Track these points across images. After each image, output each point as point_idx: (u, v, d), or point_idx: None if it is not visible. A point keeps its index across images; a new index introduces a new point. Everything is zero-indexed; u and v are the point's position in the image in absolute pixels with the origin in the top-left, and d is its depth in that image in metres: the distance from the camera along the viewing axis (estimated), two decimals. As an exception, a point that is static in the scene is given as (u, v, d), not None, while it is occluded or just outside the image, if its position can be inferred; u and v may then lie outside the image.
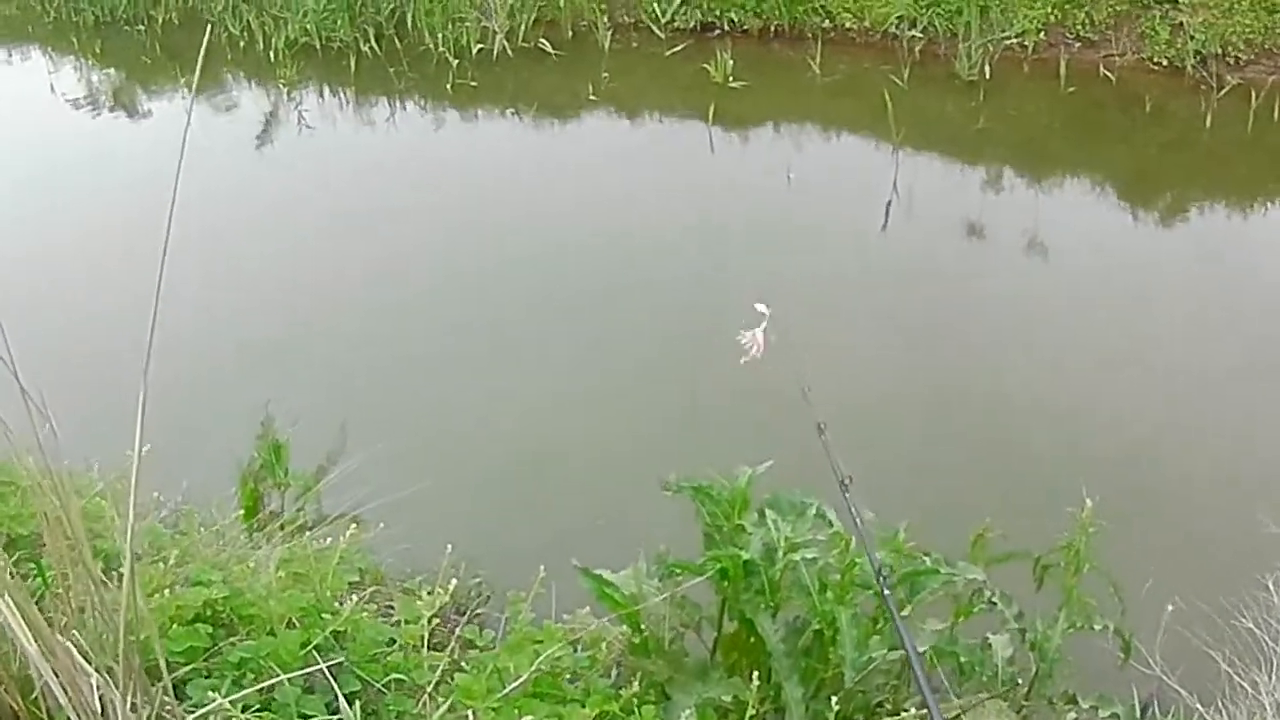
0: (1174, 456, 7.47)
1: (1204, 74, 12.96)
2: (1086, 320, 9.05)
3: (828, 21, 14.47)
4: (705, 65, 13.62)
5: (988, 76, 13.29)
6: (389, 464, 6.41)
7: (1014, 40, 13.50)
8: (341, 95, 14.91)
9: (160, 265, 2.36)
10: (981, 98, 13.11)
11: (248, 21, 16.48)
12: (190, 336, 8.83)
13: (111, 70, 18.51)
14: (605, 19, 14.81)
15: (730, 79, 13.45)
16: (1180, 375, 8.35)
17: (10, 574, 2.48)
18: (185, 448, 6.31)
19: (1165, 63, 13.17)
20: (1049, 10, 13.58)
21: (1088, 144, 12.35)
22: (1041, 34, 13.54)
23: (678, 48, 14.46)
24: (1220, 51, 12.99)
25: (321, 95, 15.12)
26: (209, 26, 17.33)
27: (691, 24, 14.85)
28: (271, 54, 15.62)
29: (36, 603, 2.48)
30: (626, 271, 10.00)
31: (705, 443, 7.19)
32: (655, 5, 14.68)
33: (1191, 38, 13.00)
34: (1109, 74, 13.23)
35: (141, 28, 18.96)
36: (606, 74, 14.10)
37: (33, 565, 2.94)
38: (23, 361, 2.61)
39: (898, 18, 14.03)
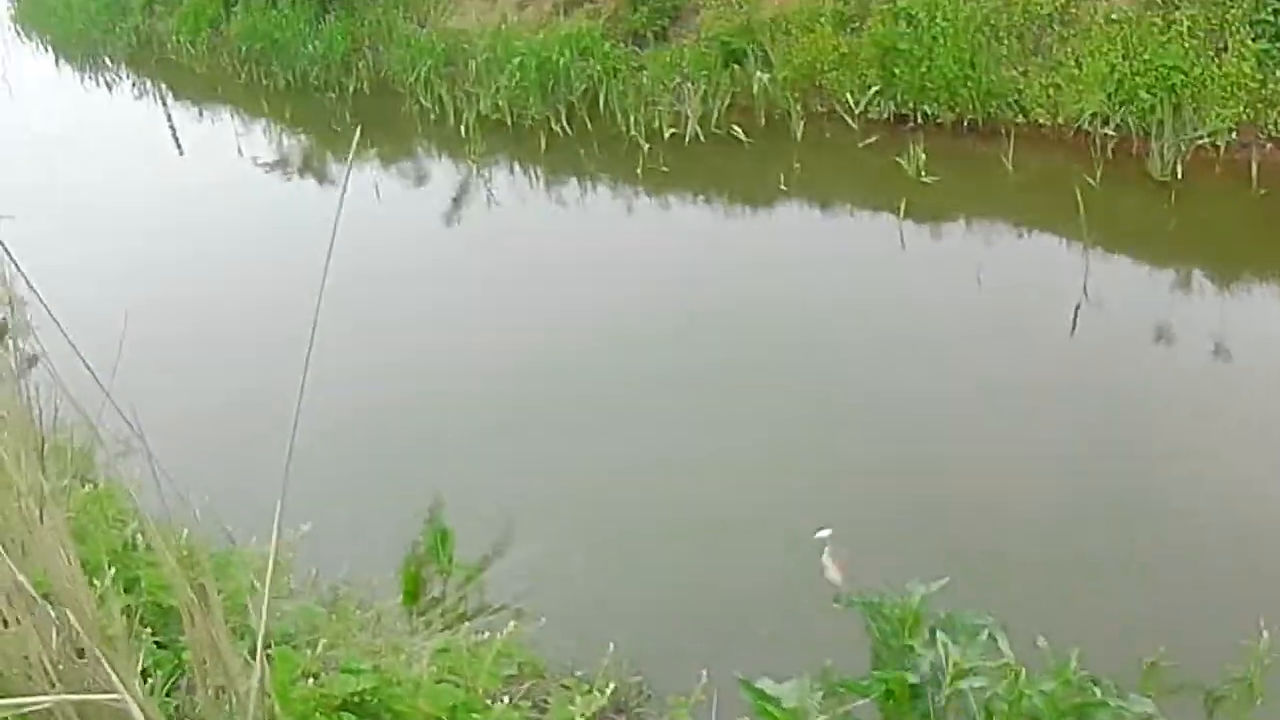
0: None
1: (1402, 176, 13.12)
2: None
3: (1021, 116, 15.11)
4: (898, 158, 14.37)
5: (1179, 176, 13.60)
6: (556, 555, 6.49)
7: (1206, 140, 13.94)
8: (531, 173, 15.96)
9: (311, 336, 2.41)
10: (1173, 199, 13.41)
11: (439, 95, 17.33)
12: (360, 411, 9.04)
13: (301, 135, 18.98)
14: (799, 107, 15.88)
15: (922, 173, 14.09)
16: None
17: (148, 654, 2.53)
18: (353, 525, 6.38)
19: (1361, 163, 13.86)
20: (1241, 109, 14.05)
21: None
22: (1234, 133, 13.98)
23: (871, 139, 15.31)
24: None
25: (511, 172, 16.25)
26: (402, 98, 17.69)
27: (885, 115, 15.74)
28: (463, 128, 16.16)
29: (171, 685, 2.62)
30: (810, 366, 10.50)
31: (874, 540, 7.42)
32: (849, 95, 15.59)
33: (1389, 135, 13.18)
34: None
35: (333, 95, 19.92)
36: (799, 164, 15.19)
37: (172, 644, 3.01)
38: (202, 425, 2.69)
39: (1091, 114, 14.49)
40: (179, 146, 21.27)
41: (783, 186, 14.45)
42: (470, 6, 20.11)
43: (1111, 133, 14.29)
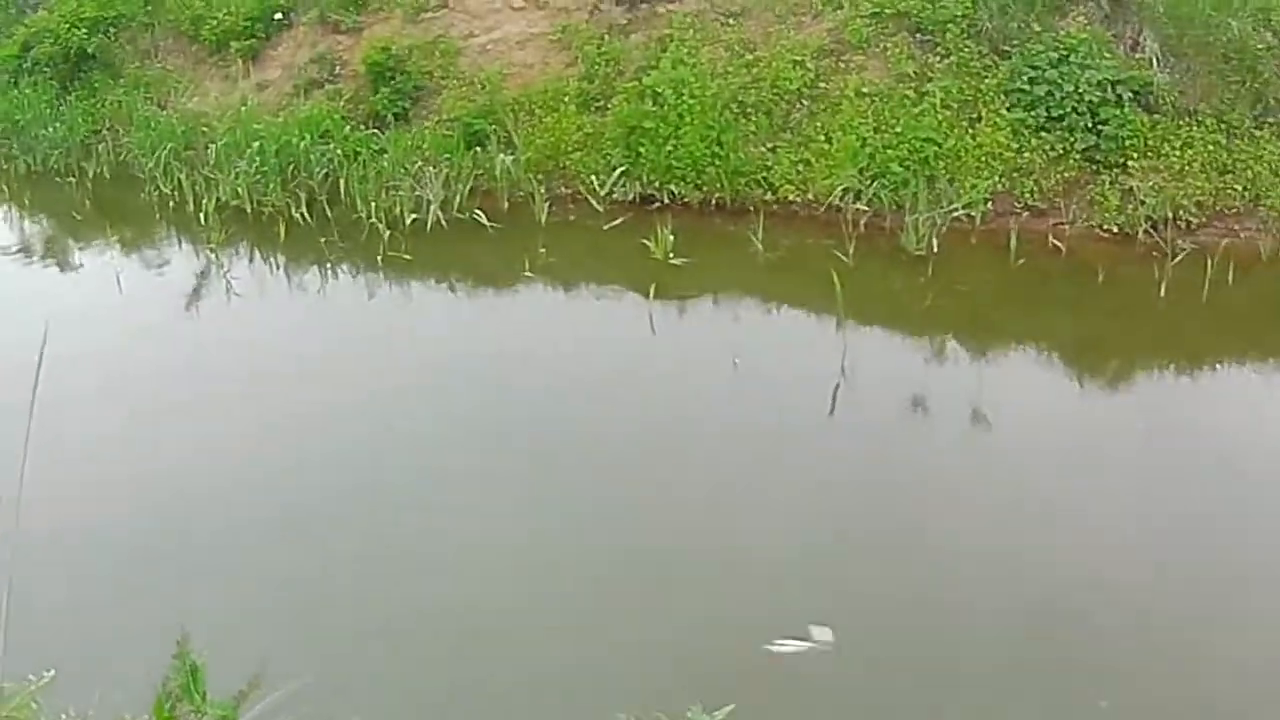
0: (1123, 622, 7.99)
1: (1156, 239, 13.85)
2: (1033, 493, 9.56)
3: (770, 194, 15.17)
4: (645, 240, 14.26)
5: (935, 250, 13.80)
6: (322, 692, 6.10)
7: (961, 212, 14.27)
8: (272, 261, 15.82)
9: (22, 452, 2.10)
10: (930, 272, 13.60)
11: (179, 180, 16.75)
12: (89, 529, 8.55)
13: (42, 221, 18.29)
14: (543, 190, 15.70)
15: (671, 255, 14.01)
16: (1125, 543, 8.92)
17: None
18: (99, 666, 5.92)
19: (1116, 230, 14.08)
20: (996, 180, 14.48)
21: (1039, 315, 13.15)
22: (989, 204, 14.34)
23: (616, 221, 15.20)
24: (1172, 216, 13.92)
25: (251, 260, 16.08)
26: (142, 183, 17.14)
27: (630, 196, 15.63)
28: (202, 215, 15.59)
29: None
30: (562, 460, 10.37)
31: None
32: (594, 178, 15.33)
33: (1142, 203, 14.06)
34: (1059, 243, 14.01)
35: (72, 180, 18.91)
36: (543, 248, 14.88)
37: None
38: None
39: (842, 190, 14.63)
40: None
41: (527, 272, 14.17)
42: (210, 87, 19.43)
43: (864, 208, 14.40)
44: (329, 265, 15.19)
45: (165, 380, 12.10)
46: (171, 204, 17.25)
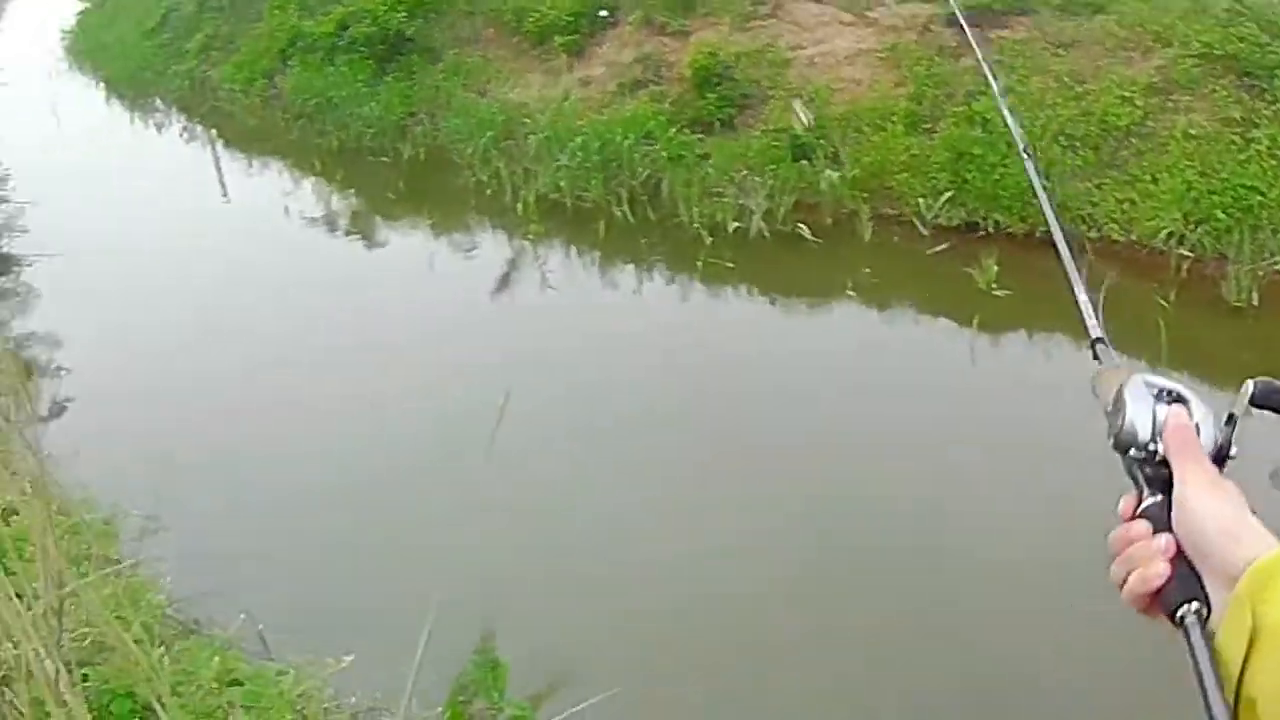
0: None
1: None
2: None
3: (1094, 231, 14.76)
4: (968, 269, 14.09)
5: (1256, 303, 13.30)
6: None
7: None
8: (589, 257, 15.52)
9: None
10: (1250, 325, 13.18)
11: (498, 169, 17.20)
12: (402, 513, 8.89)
13: (352, 198, 19.03)
14: (867, 208, 15.61)
15: (994, 285, 13.81)
16: None
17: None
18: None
19: None
20: None
21: None
22: None
23: (940, 246, 15.03)
24: None
25: (567, 254, 15.68)
26: (458, 169, 17.70)
27: (955, 222, 15.44)
28: (520, 205, 15.80)
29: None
30: (873, 488, 10.24)
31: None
32: (919, 200, 15.34)
33: None
34: None
35: (386, 160, 19.65)
36: (867, 268, 14.85)
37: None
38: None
39: (1166, 233, 14.23)
40: (226, 195, 21.30)
41: (849, 290, 14.18)
42: (532, 79, 20.01)
43: (1187, 253, 14.02)
44: (647, 265, 15.45)
45: (476, 369, 12.36)
46: (489, 192, 17.78)
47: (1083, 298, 2.37)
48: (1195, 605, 1.58)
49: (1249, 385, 1.78)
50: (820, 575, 9.20)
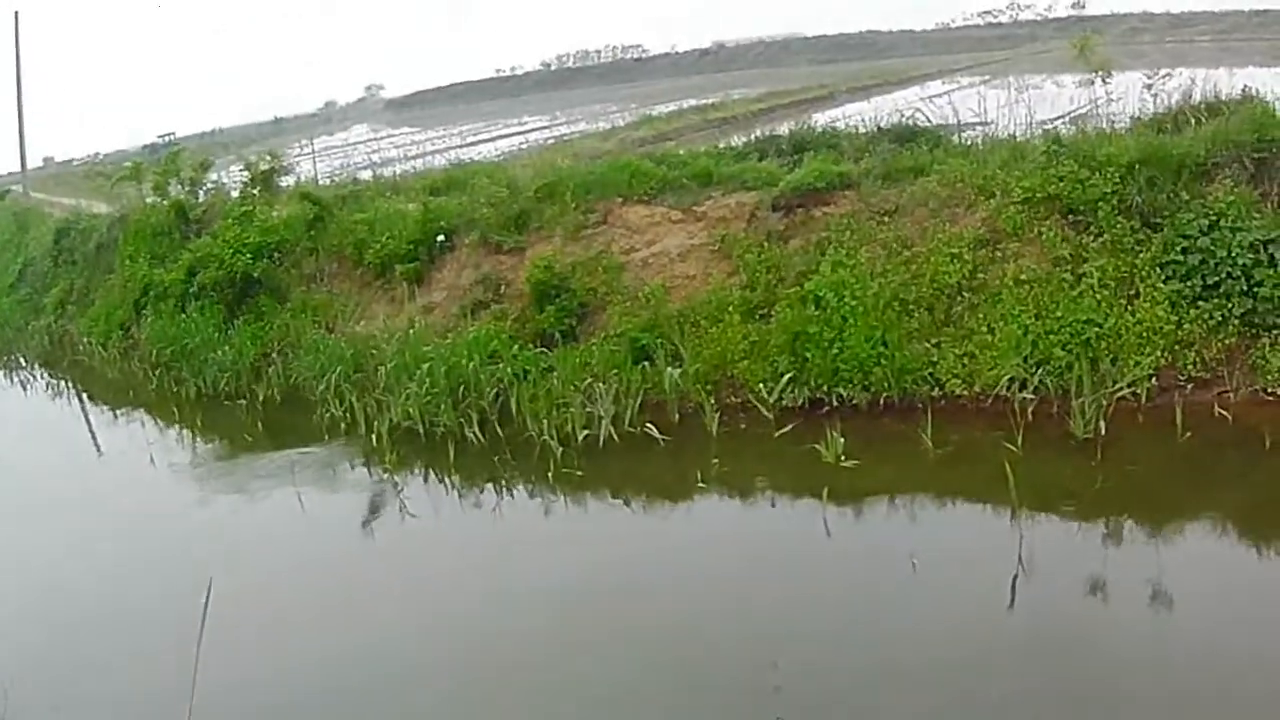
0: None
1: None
2: (1224, 675, 9.59)
3: (937, 390, 15.62)
4: (816, 445, 14.69)
5: (1103, 432, 14.04)
6: None
7: (1126, 391, 14.61)
8: (446, 482, 16.45)
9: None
10: (1100, 455, 13.78)
11: (350, 402, 17.51)
12: None
13: (215, 443, 19.32)
14: (712, 401, 16.34)
15: (842, 458, 14.39)
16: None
17: None
18: None
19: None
20: (1159, 355, 14.81)
21: (1212, 489, 13.28)
22: (1153, 380, 14.68)
23: (787, 428, 15.56)
24: (1341, 370, 14.20)
25: (426, 480, 16.73)
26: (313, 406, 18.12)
27: (800, 401, 16.11)
28: (374, 437, 16.36)
29: None
30: (749, 669, 10.60)
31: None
32: (761, 385, 16.11)
33: (1305, 362, 14.28)
34: (1225, 412, 14.30)
35: (243, 402, 20.10)
36: (716, 459, 15.37)
37: None
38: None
39: (1008, 379, 15.03)
40: (99, 450, 21.61)
41: (701, 483, 14.69)
42: (377, 310, 20.65)
43: (1030, 396, 14.82)
44: (502, 484, 15.94)
45: (347, 604, 12.78)
46: (343, 425, 18.26)
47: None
48: None
49: None
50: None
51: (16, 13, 54.32)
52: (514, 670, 11.20)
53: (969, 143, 19.41)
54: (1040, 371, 14.91)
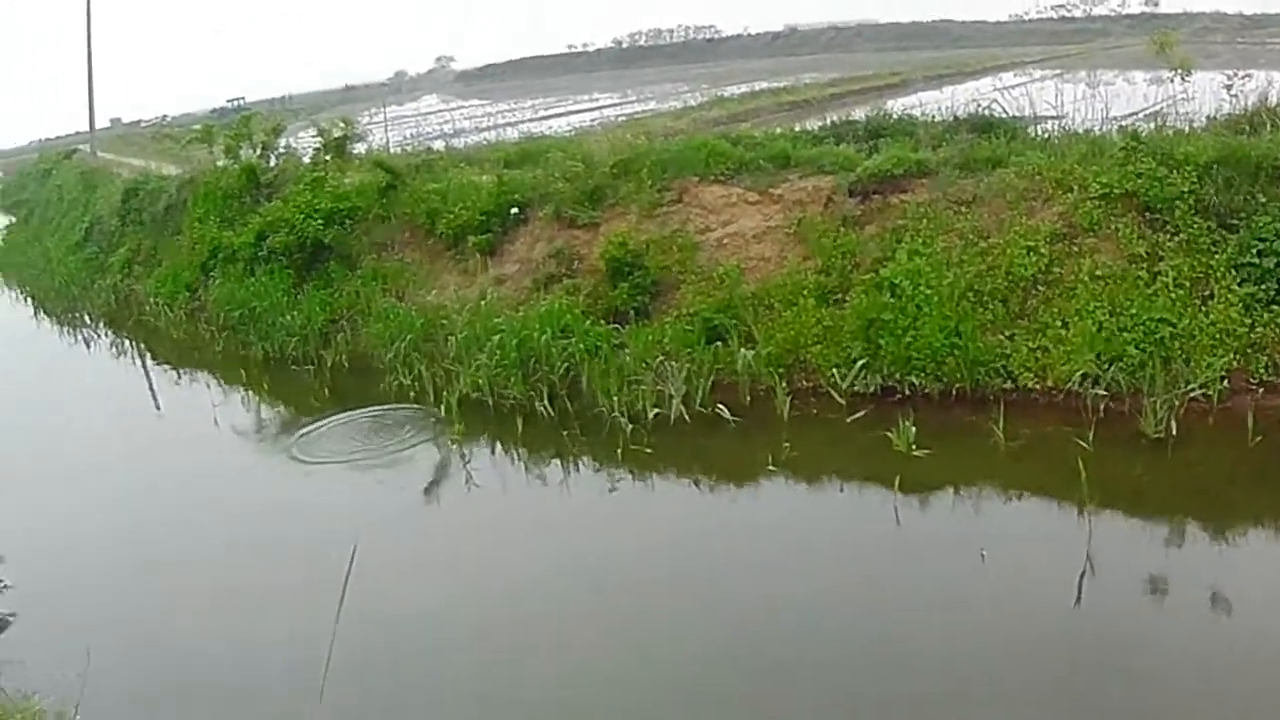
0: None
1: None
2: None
3: (1009, 383, 15.67)
4: (887, 432, 14.82)
5: (1174, 432, 14.14)
6: None
7: (1198, 391, 14.60)
8: (513, 454, 16.37)
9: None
10: (1170, 455, 13.94)
11: (419, 372, 17.71)
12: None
13: (280, 408, 19.63)
14: (783, 383, 16.41)
15: (913, 446, 14.53)
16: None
17: None
18: None
19: (1352, 399, 14.38)
20: (1231, 357, 14.80)
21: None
22: (1225, 382, 14.65)
23: (858, 414, 15.78)
24: None
25: (492, 452, 16.83)
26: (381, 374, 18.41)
27: (871, 388, 16.24)
28: (442, 407, 16.41)
29: None
30: (813, 657, 10.92)
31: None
32: (834, 370, 16.22)
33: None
34: None
35: (310, 367, 20.33)
36: (786, 443, 15.42)
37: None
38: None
39: (1081, 375, 15.06)
40: (159, 409, 22.09)
41: (770, 466, 14.82)
42: (448, 280, 20.95)
43: (1103, 392, 14.87)
44: (571, 458, 16.16)
45: (404, 573, 13.03)
46: (411, 395, 18.53)
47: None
48: None
49: None
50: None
51: (89, -27, 55.23)
52: (571, 649, 11.41)
53: (1045, 136, 19.45)
54: (1112, 368, 14.94)
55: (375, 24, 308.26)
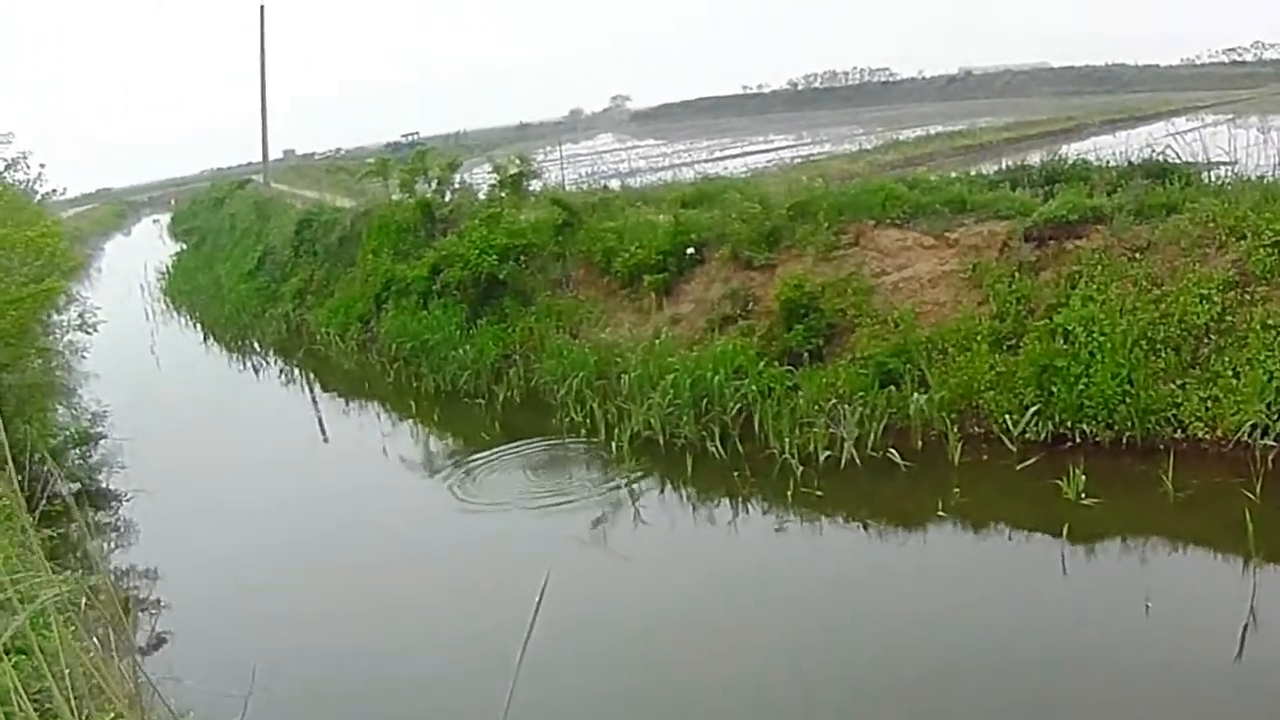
0: None
1: None
2: None
3: (1179, 432, 15.84)
4: (1057, 480, 15.08)
5: (1344, 486, 14.28)
6: None
7: None
8: (682, 493, 16.68)
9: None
10: None
11: (591, 409, 18.34)
12: None
13: (449, 440, 20.37)
14: (955, 429, 16.80)
15: (1082, 495, 14.74)
16: None
17: None
18: None
19: None
20: None
21: None
22: None
23: (1029, 461, 16.08)
24: None
25: (662, 491, 17.29)
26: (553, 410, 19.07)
27: (1043, 435, 16.53)
28: (614, 444, 17.10)
29: None
30: (981, 703, 11.27)
31: None
32: (1006, 417, 16.49)
33: None
34: None
35: (481, 401, 21.10)
36: (957, 488, 15.85)
37: None
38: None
39: (1250, 425, 15.12)
40: (325, 438, 23.19)
41: (940, 512, 15.19)
42: (623, 319, 21.72)
43: (1272, 443, 14.96)
44: (740, 499, 16.74)
45: (576, 609, 13.18)
46: (583, 431, 19.26)
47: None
48: None
49: None
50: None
51: (262, 6, 57.50)
52: (734, 692, 11.76)
53: (1219, 181, 19.56)
54: (1283, 418, 15.15)
55: (551, 62, 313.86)
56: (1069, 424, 16.34)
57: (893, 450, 16.56)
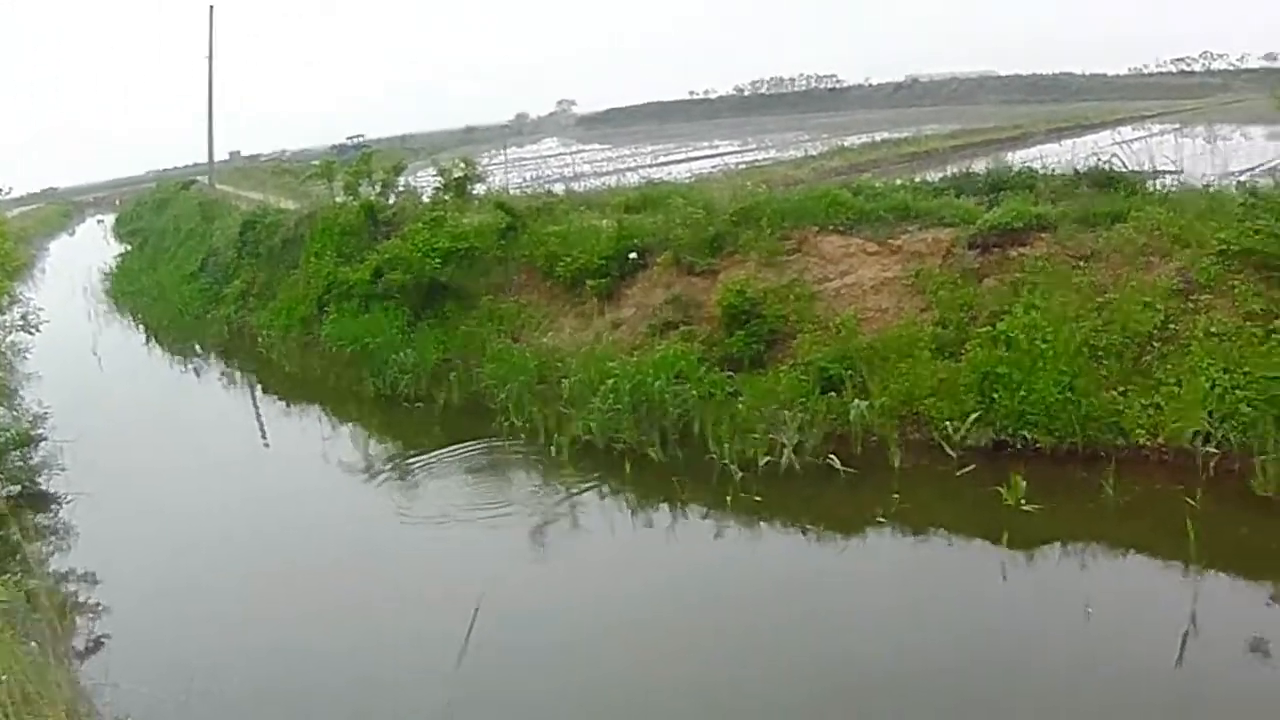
0: None
1: None
2: None
3: (1121, 439, 15.91)
4: (998, 487, 15.10)
5: (1285, 492, 14.31)
6: None
7: None
8: (622, 498, 16.68)
9: None
10: (1278, 513, 13.94)
11: (532, 413, 18.21)
12: None
13: (390, 443, 20.26)
14: (896, 435, 16.88)
15: (1023, 501, 14.76)
16: None
17: None
18: None
19: None
20: None
21: None
22: None
23: (969, 467, 16.06)
24: None
25: (601, 495, 17.15)
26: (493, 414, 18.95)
27: (984, 442, 16.54)
28: (553, 449, 16.87)
29: None
30: (907, 703, 11.33)
31: None
32: (947, 423, 16.57)
33: None
34: None
35: (421, 406, 20.88)
36: (897, 494, 15.85)
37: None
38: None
39: (1193, 433, 15.22)
40: (266, 441, 23.04)
41: (881, 518, 15.24)
42: (565, 323, 21.64)
43: (1213, 450, 15.06)
44: (680, 504, 16.63)
45: (515, 614, 13.39)
46: (523, 435, 19.15)
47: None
48: None
49: None
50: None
51: (211, 7, 57.20)
52: (666, 693, 11.85)
53: (1164, 191, 19.65)
54: (1225, 426, 15.13)
55: (498, 67, 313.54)
56: (1011, 431, 16.39)
57: (833, 456, 16.54)
